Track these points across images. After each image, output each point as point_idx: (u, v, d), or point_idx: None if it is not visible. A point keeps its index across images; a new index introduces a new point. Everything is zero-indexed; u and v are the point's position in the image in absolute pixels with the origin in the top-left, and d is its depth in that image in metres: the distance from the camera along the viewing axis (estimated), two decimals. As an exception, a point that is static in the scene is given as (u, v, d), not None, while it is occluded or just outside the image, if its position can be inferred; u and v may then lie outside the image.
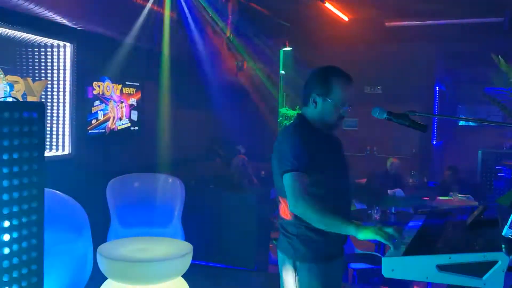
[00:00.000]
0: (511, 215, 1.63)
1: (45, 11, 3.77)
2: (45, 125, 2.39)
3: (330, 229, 2.03)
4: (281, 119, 8.30)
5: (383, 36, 7.83)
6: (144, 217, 4.84)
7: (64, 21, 4.12)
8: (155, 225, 4.71)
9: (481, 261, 1.52)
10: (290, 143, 2.15)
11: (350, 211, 2.38)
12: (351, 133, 8.56)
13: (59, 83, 4.55)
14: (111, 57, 5.11)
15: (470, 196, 6.11)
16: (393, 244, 1.81)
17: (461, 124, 10.75)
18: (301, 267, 2.18)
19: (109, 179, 4.84)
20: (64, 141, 4.60)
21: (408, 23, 7.19)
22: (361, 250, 4.66)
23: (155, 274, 3.35)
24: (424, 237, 1.86)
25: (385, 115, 2.11)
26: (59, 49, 4.53)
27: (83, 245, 3.73)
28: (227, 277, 4.84)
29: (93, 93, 4.95)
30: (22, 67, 4.21)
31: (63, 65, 4.55)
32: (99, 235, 4.25)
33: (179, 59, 6.01)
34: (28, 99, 4.18)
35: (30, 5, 3.55)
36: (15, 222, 2.19)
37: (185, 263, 3.49)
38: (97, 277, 3.58)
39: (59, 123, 4.60)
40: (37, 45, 4.40)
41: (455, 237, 1.78)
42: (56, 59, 4.52)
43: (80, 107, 4.73)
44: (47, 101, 4.51)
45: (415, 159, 8.66)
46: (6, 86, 3.94)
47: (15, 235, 2.20)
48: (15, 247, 2.20)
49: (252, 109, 7.80)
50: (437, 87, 9.40)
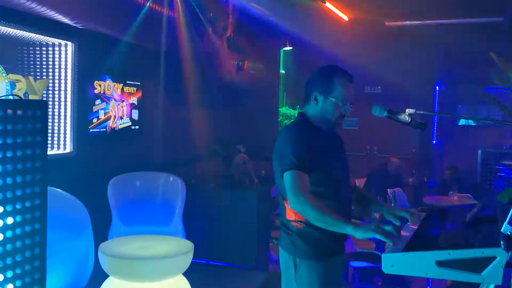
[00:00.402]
0: (510, 212, 1.65)
1: (47, 10, 3.79)
2: (47, 123, 2.40)
3: (328, 227, 2.04)
4: (281, 118, 8.32)
5: (383, 36, 7.85)
6: (145, 216, 4.86)
7: (65, 20, 4.14)
8: (156, 224, 4.74)
9: (479, 257, 1.54)
10: (290, 142, 2.17)
11: (350, 210, 2.40)
12: (351, 132, 8.58)
13: (60, 82, 4.57)
14: (112, 56, 5.13)
15: (469, 195, 6.14)
16: (392, 241, 1.82)
17: (461, 123, 10.77)
18: (302, 263, 2.20)
19: (110, 177, 4.86)
20: (65, 139, 4.62)
21: (408, 23, 7.22)
22: (361, 248, 4.68)
23: (156, 271, 3.37)
24: (423, 234, 1.88)
25: (385, 113, 2.13)
26: (61, 48, 4.55)
27: (84, 243, 3.75)
28: (228, 276, 4.85)
29: (94, 92, 4.97)
30: (23, 66, 4.23)
31: (64, 64, 4.57)
32: (101, 233, 4.27)
33: (179, 58, 6.03)
34: (29, 98, 4.20)
35: (32, 4, 3.57)
36: (18, 219, 2.21)
37: (186, 261, 3.51)
38: (99, 275, 3.60)
39: (60, 121, 4.62)
40: (38, 44, 4.42)
41: (454, 234, 1.80)
42: (57, 58, 4.54)
43: (81, 106, 4.75)
44: (48, 99, 4.53)
45: (415, 158, 8.68)
46: (8, 84, 3.96)
47: (18, 232, 2.21)
48: (18, 244, 2.22)
49: (252, 109, 7.81)
50: (437, 87, 9.41)
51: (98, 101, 5.03)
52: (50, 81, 4.52)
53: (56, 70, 4.53)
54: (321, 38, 8.02)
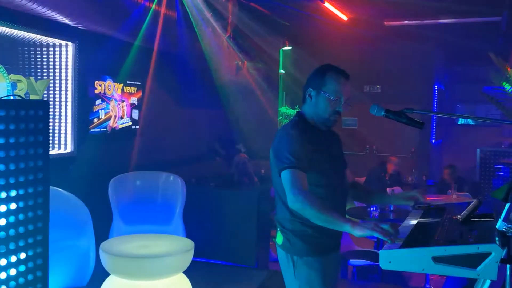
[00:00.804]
0: (504, 209, 1.68)
1: (47, 11, 3.82)
2: (49, 122, 2.42)
3: (327, 225, 2.06)
4: (281, 118, 8.35)
5: (382, 35, 7.87)
6: (145, 215, 4.89)
7: (66, 20, 4.16)
8: (157, 223, 4.76)
9: (475, 253, 1.56)
10: (288, 140, 2.18)
11: (345, 208, 2.42)
12: (350, 131, 8.60)
13: (61, 82, 4.60)
14: (113, 56, 5.16)
15: (468, 194, 6.16)
16: (390, 239, 1.85)
17: (460, 123, 10.80)
18: (299, 261, 2.22)
19: (111, 177, 4.89)
20: (66, 139, 4.65)
21: (407, 22, 7.23)
22: (360, 247, 4.71)
23: (157, 270, 3.40)
24: (420, 231, 1.91)
25: (383, 113, 2.15)
26: (61, 49, 4.58)
27: (86, 242, 3.78)
28: (228, 274, 4.88)
29: (94, 92, 5.00)
30: (24, 66, 4.25)
31: (65, 64, 4.60)
32: (102, 232, 4.30)
33: (179, 58, 6.06)
34: (31, 98, 4.23)
35: (33, 5, 3.60)
36: (21, 217, 2.24)
37: (187, 259, 3.54)
38: (100, 273, 3.63)
39: (61, 121, 4.65)
40: (39, 45, 4.45)
41: (450, 230, 1.82)
42: (58, 58, 4.56)
43: (82, 106, 4.78)
44: (49, 100, 4.56)
45: (414, 157, 8.71)
46: (9, 85, 3.99)
47: (21, 231, 2.24)
48: (21, 243, 2.25)
49: (252, 108, 7.84)
50: (436, 86, 9.43)
51: (98, 101, 5.06)
52: (51, 81, 4.54)
53: (57, 70, 4.56)
54: (321, 37, 8.06)
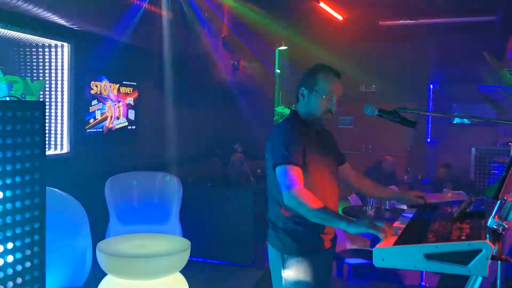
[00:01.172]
0: (495, 206, 1.71)
1: (43, 12, 3.83)
2: (45, 123, 2.44)
3: (322, 222, 2.07)
4: (277, 117, 8.37)
5: (378, 35, 7.91)
6: (142, 214, 4.90)
7: (61, 21, 4.17)
8: (153, 222, 4.78)
9: (466, 250, 1.59)
10: (283, 137, 2.20)
11: (337, 206, 2.44)
12: (346, 131, 8.64)
13: (57, 82, 4.61)
14: (109, 57, 5.16)
15: (463, 192, 6.19)
16: (384, 236, 1.87)
17: (455, 122, 10.85)
18: (289, 259, 2.23)
19: (107, 177, 4.90)
20: (62, 140, 4.66)
21: (402, 22, 7.28)
22: (356, 246, 4.74)
23: (153, 269, 3.41)
24: (413, 229, 1.93)
25: (377, 112, 2.18)
26: (57, 49, 4.59)
27: (82, 242, 3.79)
28: (225, 273, 4.90)
29: (90, 92, 5.00)
30: (20, 67, 4.26)
31: (60, 65, 4.61)
32: (98, 232, 4.31)
33: (175, 58, 6.07)
34: (27, 99, 4.23)
35: (28, 6, 3.61)
36: (18, 217, 2.25)
37: (183, 259, 3.56)
38: (97, 273, 3.64)
39: (57, 122, 4.66)
40: (35, 45, 4.45)
41: (442, 228, 1.85)
42: (54, 59, 4.57)
43: (78, 106, 4.79)
44: (45, 100, 4.56)
45: (410, 156, 8.75)
46: (5, 86, 3.99)
47: (18, 231, 2.26)
48: (18, 243, 2.26)
49: (248, 108, 7.86)
50: (431, 86, 9.49)
51: (94, 102, 5.07)
52: (47, 82, 4.55)
53: (52, 71, 4.56)
54: (316, 37, 8.08)
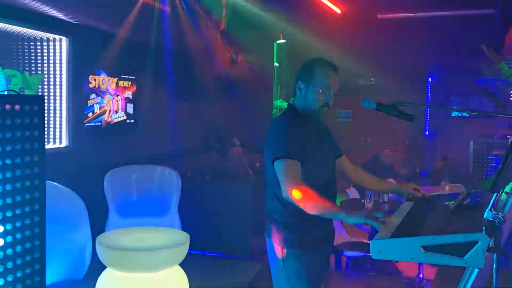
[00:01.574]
0: (492, 199, 1.72)
1: (41, 6, 3.82)
2: (45, 117, 2.44)
3: (321, 215, 2.09)
4: (276, 111, 8.38)
5: (376, 28, 7.90)
6: (141, 208, 4.92)
7: (60, 15, 4.17)
8: (153, 216, 4.79)
9: (462, 242, 1.61)
10: (281, 131, 2.21)
11: (335, 198, 2.46)
12: (345, 124, 8.66)
13: (55, 76, 4.61)
14: (107, 51, 5.16)
15: (461, 185, 6.21)
16: (382, 228, 1.89)
17: (453, 115, 10.86)
18: (288, 252, 2.25)
19: (106, 171, 4.91)
20: (61, 134, 4.66)
21: (400, 15, 7.27)
22: (354, 238, 4.77)
23: (153, 262, 3.42)
24: (411, 221, 1.95)
25: (374, 106, 2.19)
26: (55, 43, 4.58)
27: (82, 235, 3.80)
28: (224, 266, 4.92)
29: (89, 86, 5.00)
30: (18, 61, 4.26)
31: (59, 59, 4.61)
32: (98, 226, 4.32)
33: (174, 52, 6.06)
34: (25, 93, 4.23)
35: (26, 0, 3.60)
36: (18, 211, 2.26)
37: (182, 252, 3.57)
38: (96, 266, 3.65)
39: (56, 116, 4.66)
40: (33, 39, 4.45)
41: (439, 220, 1.87)
42: (52, 53, 4.57)
43: (76, 100, 4.79)
44: (43, 94, 4.57)
45: (408, 150, 8.77)
46: (3, 80, 3.99)
47: (18, 224, 2.27)
48: (18, 236, 2.27)
49: (246, 102, 7.87)
50: (430, 79, 9.49)
51: (93, 95, 5.07)
52: (45, 76, 4.55)
53: (51, 65, 4.56)
54: (314, 30, 8.07)
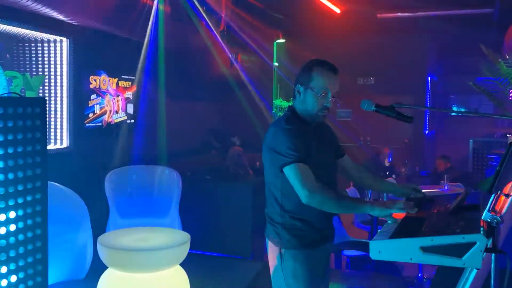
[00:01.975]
0: (489, 200, 1.74)
1: (42, 7, 3.84)
2: (46, 119, 2.46)
3: (348, 211, 2.13)
4: (275, 110, 8.40)
5: (376, 28, 7.91)
6: (142, 208, 4.94)
7: (60, 16, 4.18)
8: (153, 216, 4.81)
9: (460, 243, 1.63)
10: (284, 135, 2.19)
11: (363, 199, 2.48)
12: (344, 123, 8.67)
13: (56, 77, 4.62)
14: (107, 51, 5.18)
15: (460, 184, 6.22)
16: (413, 211, 1.97)
17: (453, 113, 10.88)
18: (287, 254, 2.26)
19: (107, 171, 4.93)
20: (62, 134, 4.68)
21: (400, 14, 7.28)
22: (354, 238, 4.78)
23: (154, 262, 3.45)
24: (410, 222, 1.97)
25: (373, 108, 2.20)
26: (56, 44, 4.60)
27: (83, 236, 3.83)
28: (224, 266, 4.95)
29: (89, 87, 5.02)
30: (19, 62, 4.27)
31: (60, 60, 4.62)
32: (99, 226, 4.34)
33: (174, 52, 6.08)
34: (26, 94, 4.25)
35: (27, 2, 3.62)
36: (20, 212, 2.29)
37: (183, 252, 3.59)
38: (98, 266, 3.67)
39: (57, 117, 4.68)
40: (34, 41, 4.46)
41: (438, 221, 1.88)
42: (53, 54, 4.59)
43: (77, 101, 4.81)
44: (44, 95, 4.58)
45: (408, 148, 8.79)
46: (5, 81, 4.01)
47: (20, 225, 2.29)
48: (21, 237, 2.30)
49: (246, 101, 7.88)
50: (429, 78, 9.50)
51: (93, 96, 5.09)
52: (46, 77, 4.57)
53: (52, 66, 4.58)
54: (314, 30, 8.09)
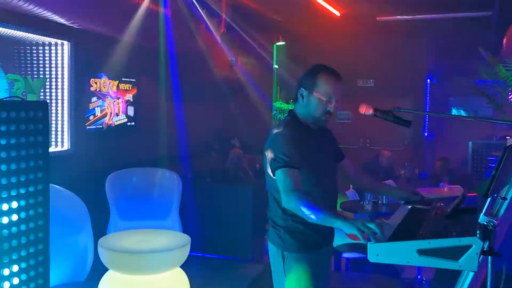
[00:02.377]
0: (486, 203, 1.76)
1: (44, 11, 3.87)
2: (49, 123, 2.49)
3: (320, 222, 2.08)
4: (275, 112, 8.42)
5: (375, 30, 7.94)
6: (142, 210, 4.96)
7: (61, 20, 4.21)
8: (154, 218, 4.83)
9: (457, 246, 1.65)
10: (281, 140, 2.23)
11: (336, 205, 2.50)
12: (344, 125, 8.69)
13: (57, 80, 4.66)
14: (108, 54, 5.21)
15: (459, 186, 6.24)
16: (369, 241, 1.87)
17: (449, 116, 10.90)
18: (289, 256, 2.28)
19: (107, 173, 4.95)
20: (63, 137, 4.71)
21: (399, 17, 7.32)
22: (353, 240, 4.80)
23: (154, 264, 3.47)
24: (407, 225, 1.99)
25: (372, 112, 2.23)
26: (57, 47, 4.63)
27: (84, 238, 3.84)
28: (224, 268, 4.96)
29: (90, 89, 5.05)
30: (21, 65, 4.30)
31: (61, 63, 4.65)
32: (99, 228, 4.36)
33: (174, 55, 6.11)
34: (27, 97, 4.27)
35: (29, 6, 3.65)
36: (23, 215, 2.31)
37: (183, 254, 3.61)
38: (98, 268, 3.69)
39: (58, 119, 4.71)
40: (35, 44, 4.49)
41: (435, 224, 1.91)
42: (54, 57, 4.62)
43: (78, 103, 4.84)
44: (45, 98, 4.61)
45: (407, 151, 8.81)
46: (6, 84, 4.03)
47: (23, 228, 2.32)
48: (23, 239, 2.32)
49: (246, 103, 7.91)
50: (429, 80, 9.53)
51: (94, 99, 5.12)
52: (47, 79, 4.59)
53: (53, 69, 4.61)
54: (314, 33, 8.12)
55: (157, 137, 6.12)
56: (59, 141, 4.70)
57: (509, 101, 5.56)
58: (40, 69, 4.52)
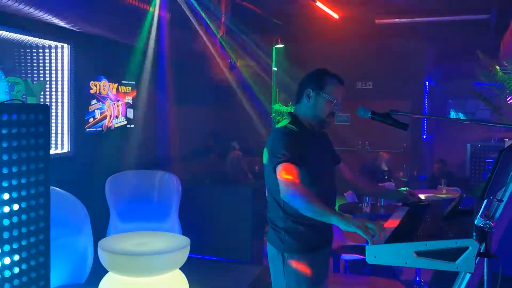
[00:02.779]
0: (482, 205, 1.78)
1: (44, 14, 3.89)
2: (49, 125, 2.51)
3: (315, 216, 2.09)
4: (274, 115, 8.43)
5: (374, 33, 7.97)
6: (142, 213, 4.97)
7: (61, 23, 4.23)
8: (153, 220, 4.85)
9: (454, 247, 1.67)
10: (281, 139, 2.26)
11: (335, 206, 2.51)
12: (343, 127, 8.72)
13: (57, 83, 4.68)
14: (107, 57, 5.23)
15: (458, 188, 6.26)
16: (371, 239, 1.88)
17: (450, 117, 10.94)
18: (289, 258, 2.30)
19: (107, 176, 4.97)
20: (63, 139, 4.73)
21: (398, 20, 7.35)
22: (352, 242, 4.82)
23: (154, 267, 3.49)
24: (405, 227, 2.01)
25: (369, 114, 2.25)
26: (57, 50, 4.65)
27: (84, 240, 3.87)
28: (224, 270, 4.98)
29: (90, 92, 5.07)
30: (21, 68, 4.32)
31: (61, 66, 4.68)
32: (99, 230, 4.38)
33: (173, 57, 6.13)
34: (28, 100, 4.30)
35: (30, 9, 3.67)
36: (24, 217, 2.33)
37: (183, 256, 3.63)
38: (98, 270, 3.71)
39: (58, 122, 4.73)
40: (35, 47, 4.52)
41: (432, 226, 1.93)
42: (54, 60, 4.64)
43: (77, 106, 4.86)
44: (45, 101, 4.63)
45: (406, 153, 8.84)
46: (7, 86, 4.05)
47: (24, 230, 2.33)
48: (24, 242, 2.34)
49: (245, 106, 7.93)
50: (427, 82, 9.57)
51: (94, 101, 5.14)
52: (47, 82, 4.61)
53: (53, 71, 4.63)
54: (313, 35, 8.15)
55: (156, 140, 6.14)
56: (59, 144, 4.71)
57: (509, 102, 5.59)
58: (40, 72, 4.54)
